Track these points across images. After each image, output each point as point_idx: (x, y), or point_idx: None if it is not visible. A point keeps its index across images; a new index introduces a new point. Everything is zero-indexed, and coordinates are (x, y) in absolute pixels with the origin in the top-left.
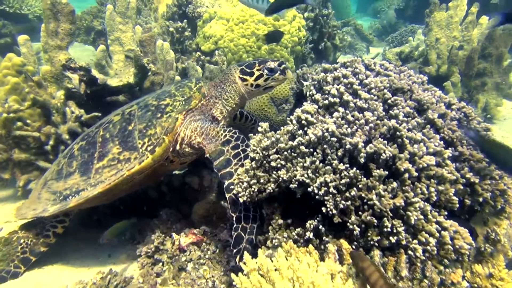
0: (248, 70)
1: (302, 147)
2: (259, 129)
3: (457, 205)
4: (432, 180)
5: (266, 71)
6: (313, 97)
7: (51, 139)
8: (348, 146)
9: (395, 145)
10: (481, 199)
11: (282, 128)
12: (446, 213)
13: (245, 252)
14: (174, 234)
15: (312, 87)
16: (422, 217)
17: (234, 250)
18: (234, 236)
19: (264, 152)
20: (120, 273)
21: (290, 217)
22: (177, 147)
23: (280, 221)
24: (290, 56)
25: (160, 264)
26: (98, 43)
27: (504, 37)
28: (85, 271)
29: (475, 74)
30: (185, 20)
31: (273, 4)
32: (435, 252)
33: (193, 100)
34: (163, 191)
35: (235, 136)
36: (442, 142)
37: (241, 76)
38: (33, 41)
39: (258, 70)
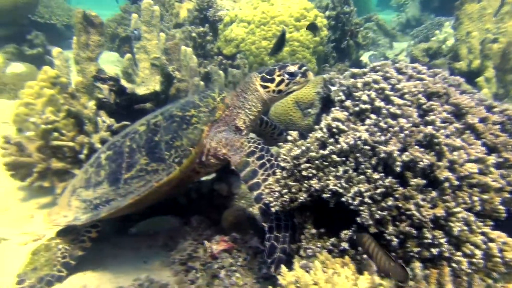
0: (268, 77)
1: (334, 156)
2: (289, 138)
3: (504, 214)
4: (475, 188)
5: (287, 76)
6: (342, 104)
7: (85, 148)
8: (382, 154)
9: (433, 153)
10: None
11: (311, 135)
12: (492, 223)
13: (282, 265)
14: (206, 242)
15: (341, 93)
16: (465, 227)
17: (269, 260)
18: (267, 246)
19: (294, 161)
20: (156, 280)
21: (323, 226)
22: (203, 158)
23: (313, 231)
24: (312, 57)
25: (194, 271)
26: (123, 49)
27: None
28: (123, 277)
29: (511, 67)
30: (206, 25)
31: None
32: (482, 264)
33: (217, 111)
34: (192, 197)
35: (259, 146)
36: (484, 148)
37: (262, 83)
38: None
39: (278, 75)
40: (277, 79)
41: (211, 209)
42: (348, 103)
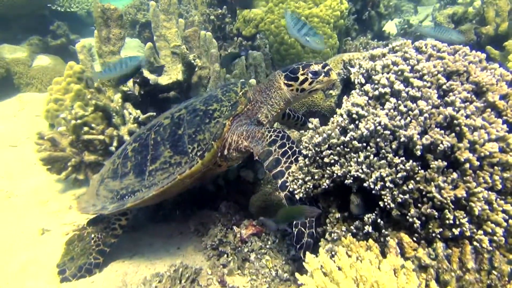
0: (292, 76)
1: (355, 142)
2: (310, 125)
3: None
4: (496, 167)
5: (310, 75)
6: (362, 88)
7: (114, 141)
8: (402, 138)
9: (453, 134)
10: None
11: (331, 120)
12: None
13: (307, 252)
14: (235, 228)
15: (360, 76)
16: (486, 207)
17: (298, 246)
18: (295, 232)
19: (316, 148)
20: (190, 266)
21: (347, 210)
22: (225, 152)
23: (337, 215)
24: (333, 32)
25: (225, 255)
26: (144, 35)
27: None
28: (158, 263)
29: None
30: (224, 7)
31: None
32: (503, 241)
33: (239, 106)
34: (220, 184)
35: (280, 135)
36: (505, 126)
37: (286, 82)
38: (84, 36)
39: (302, 74)
40: (301, 77)
41: (238, 195)
42: (367, 87)
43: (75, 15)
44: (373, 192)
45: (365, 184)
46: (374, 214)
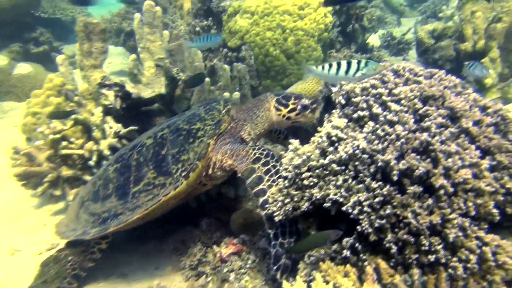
0: (284, 102)
1: (334, 165)
2: (290, 147)
3: (498, 217)
4: (469, 193)
5: (300, 107)
6: (342, 110)
7: (94, 155)
8: (380, 163)
9: (429, 160)
10: None
11: (312, 140)
12: (486, 226)
13: (284, 281)
14: (215, 247)
15: (340, 96)
16: (460, 233)
17: (275, 267)
18: (273, 253)
19: (296, 170)
20: (167, 287)
21: (325, 229)
22: (210, 171)
23: None
24: (318, 45)
25: (204, 276)
26: (129, 44)
27: None
28: (135, 285)
29: None
30: (210, 18)
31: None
32: (477, 269)
33: (223, 124)
34: (202, 200)
35: (265, 153)
36: (478, 152)
37: (276, 105)
38: (69, 42)
39: (293, 104)
40: (291, 106)
41: (220, 212)
42: (347, 110)
43: (59, 21)
44: (351, 216)
45: (343, 208)
46: (352, 238)
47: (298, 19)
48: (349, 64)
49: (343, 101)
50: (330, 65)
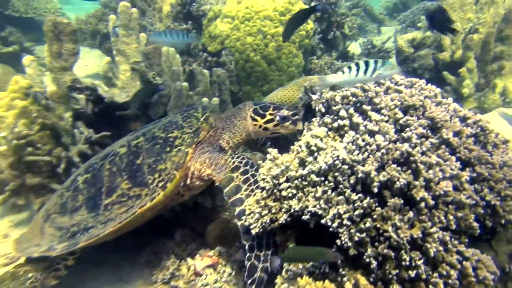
0: (261, 112)
1: (313, 176)
2: (268, 156)
3: (478, 231)
4: (450, 206)
5: (278, 118)
6: (322, 120)
7: (63, 162)
8: (360, 174)
9: (409, 171)
10: (503, 221)
11: (291, 149)
12: (467, 240)
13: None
14: (189, 259)
15: (320, 105)
16: (441, 248)
17: (249, 281)
18: (247, 266)
19: (274, 180)
20: None
21: (304, 244)
22: (188, 181)
23: None
24: (299, 51)
25: None
26: (105, 47)
27: None
28: None
29: (491, 58)
30: (189, 22)
31: (285, 31)
32: (458, 285)
33: (201, 132)
34: (177, 211)
35: (244, 161)
36: (458, 163)
37: (252, 115)
38: (42, 43)
39: (270, 114)
40: (268, 117)
41: (196, 222)
42: (327, 118)
43: (32, 21)
44: (330, 229)
45: (322, 221)
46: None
47: (279, 24)
48: (366, 64)
49: (323, 109)
50: (350, 68)
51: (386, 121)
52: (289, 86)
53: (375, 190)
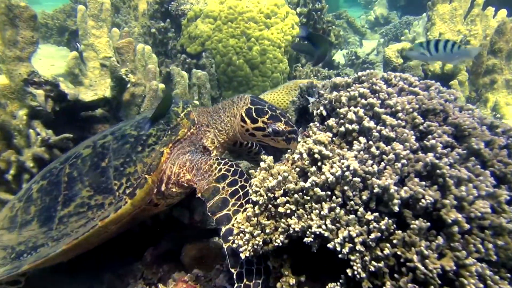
0: (254, 115)
1: (317, 190)
2: (262, 164)
3: None
4: (486, 231)
5: (270, 130)
6: (326, 122)
7: (13, 167)
8: (376, 189)
9: (435, 187)
10: None
11: (286, 157)
12: (508, 275)
13: None
14: (160, 285)
15: (322, 107)
16: (481, 285)
17: None
18: None
19: (269, 194)
20: None
21: (303, 270)
22: (162, 188)
23: (292, 280)
24: (284, 57)
25: None
26: (73, 44)
27: None
28: None
29: (483, 71)
30: (167, 20)
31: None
32: None
33: (181, 129)
34: (148, 225)
35: (232, 169)
36: (492, 179)
37: (243, 115)
38: None
39: (263, 122)
40: (260, 124)
41: (170, 240)
42: (331, 122)
43: None
44: (340, 256)
45: (329, 245)
46: (339, 284)
47: (264, 27)
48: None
49: (324, 112)
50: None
51: (403, 127)
52: (278, 89)
53: (396, 209)
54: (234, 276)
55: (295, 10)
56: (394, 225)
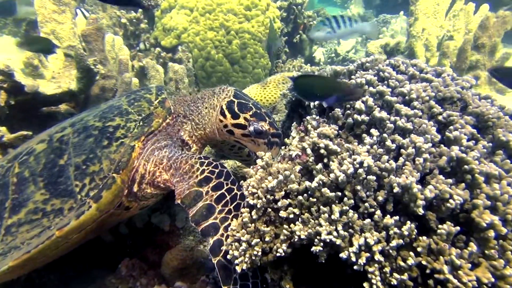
0: (235, 109)
1: (326, 190)
2: (259, 162)
3: None
4: None
5: (252, 129)
6: (332, 114)
7: None
8: (396, 189)
9: (463, 185)
10: None
11: (282, 155)
12: None
13: None
14: None
15: None
16: None
17: None
18: None
19: (268, 195)
20: None
21: (306, 282)
22: (135, 188)
23: None
24: (265, 52)
25: None
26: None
27: (498, 25)
28: None
29: (467, 67)
30: (140, 10)
31: None
32: None
33: (155, 120)
34: (122, 233)
35: (217, 171)
36: None
37: (224, 108)
38: None
39: (245, 119)
40: (241, 120)
41: (148, 249)
42: (337, 112)
43: None
44: (355, 267)
45: (342, 255)
46: None
47: (244, 20)
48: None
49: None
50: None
51: (419, 117)
52: (265, 82)
53: (420, 211)
54: None
55: (275, 3)
56: (416, 230)
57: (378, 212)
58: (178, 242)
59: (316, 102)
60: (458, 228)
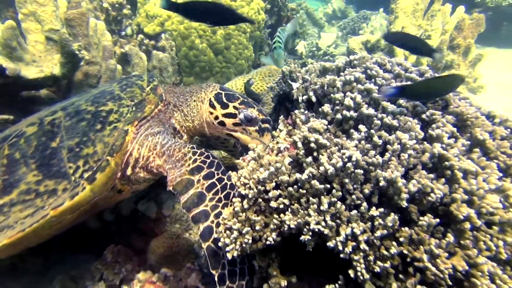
0: (224, 100)
1: (315, 182)
2: (251, 153)
3: None
4: (495, 227)
5: (242, 116)
6: (321, 109)
7: None
8: (382, 182)
9: (443, 180)
10: None
11: (271, 147)
12: None
13: None
14: (124, 287)
15: (311, 93)
16: (494, 286)
17: None
18: None
19: (259, 186)
20: None
21: (294, 271)
22: (128, 172)
23: (283, 282)
24: (249, 43)
25: None
26: (5, 14)
27: (472, 27)
28: None
29: (443, 66)
30: None
31: None
32: None
33: (147, 105)
34: (107, 220)
35: (209, 161)
36: (500, 173)
37: (212, 100)
38: None
39: (234, 107)
40: (230, 110)
41: (133, 236)
42: (326, 107)
43: None
44: (342, 256)
45: (329, 244)
46: (337, 285)
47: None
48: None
49: (314, 98)
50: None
51: (405, 115)
52: (251, 75)
53: (404, 204)
54: (216, 279)
55: None
56: (398, 222)
57: (364, 204)
58: (164, 229)
59: (304, 97)
60: (437, 220)
